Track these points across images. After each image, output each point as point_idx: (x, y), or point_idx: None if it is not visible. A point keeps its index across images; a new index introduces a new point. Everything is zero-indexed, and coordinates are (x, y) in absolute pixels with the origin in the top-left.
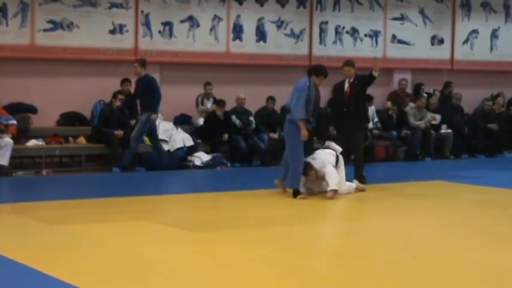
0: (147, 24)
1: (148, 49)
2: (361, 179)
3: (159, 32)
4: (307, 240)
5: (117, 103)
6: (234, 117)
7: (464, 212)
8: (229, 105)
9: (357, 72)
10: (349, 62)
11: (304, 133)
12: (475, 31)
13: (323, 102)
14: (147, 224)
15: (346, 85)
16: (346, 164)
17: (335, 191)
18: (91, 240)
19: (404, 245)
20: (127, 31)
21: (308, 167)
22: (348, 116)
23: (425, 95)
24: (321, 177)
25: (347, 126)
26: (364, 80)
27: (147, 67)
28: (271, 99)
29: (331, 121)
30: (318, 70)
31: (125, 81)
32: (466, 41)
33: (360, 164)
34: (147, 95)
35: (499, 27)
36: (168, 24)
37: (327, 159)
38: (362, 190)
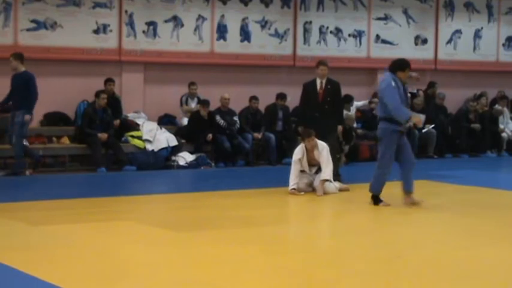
0: (131, 24)
1: (133, 49)
2: (338, 177)
3: (143, 31)
4: (291, 240)
5: (101, 102)
6: (218, 117)
7: (448, 211)
8: (214, 105)
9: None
10: (324, 62)
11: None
12: (458, 31)
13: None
14: (130, 224)
15: (319, 86)
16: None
17: (326, 182)
18: (74, 241)
19: (388, 245)
20: (111, 31)
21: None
22: (321, 118)
23: (409, 95)
24: (314, 164)
25: (320, 128)
26: (337, 90)
27: (24, 62)
28: (254, 99)
29: (301, 122)
30: (402, 65)
31: (109, 81)
32: (449, 41)
33: (334, 164)
34: (22, 93)
35: (482, 28)
36: (152, 24)
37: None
38: (346, 190)
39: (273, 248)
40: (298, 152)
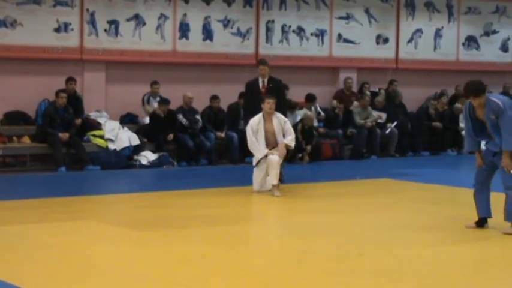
0: (93, 23)
1: (94, 48)
2: (280, 176)
3: (105, 30)
4: (254, 238)
5: (60, 102)
6: (180, 116)
7: (410, 209)
8: (177, 103)
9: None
10: (264, 61)
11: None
12: (419, 30)
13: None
14: (93, 224)
15: (261, 84)
16: None
17: (287, 146)
18: (36, 241)
19: (350, 243)
20: (72, 29)
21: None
22: None
23: (368, 93)
24: (270, 140)
25: None
26: (279, 87)
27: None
28: (214, 98)
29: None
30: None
31: (70, 79)
32: (410, 40)
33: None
34: None
35: (442, 27)
36: (113, 22)
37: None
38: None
39: (235, 247)
40: (255, 119)
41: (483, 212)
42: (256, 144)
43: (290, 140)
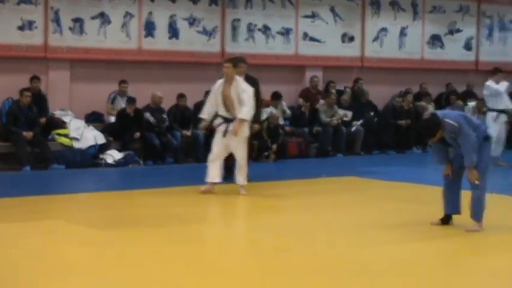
0: (57, 21)
1: (59, 46)
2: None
3: (70, 28)
4: (220, 237)
5: (24, 100)
6: (148, 114)
7: (375, 207)
8: (143, 102)
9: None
10: (242, 59)
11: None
12: (384, 29)
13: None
14: (59, 224)
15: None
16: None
17: (243, 121)
18: (0, 241)
19: (317, 241)
20: (36, 27)
21: None
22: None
23: (333, 91)
24: (229, 106)
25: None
26: (254, 85)
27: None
28: (181, 96)
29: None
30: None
31: (34, 78)
32: (375, 39)
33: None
34: None
35: (407, 26)
36: (78, 20)
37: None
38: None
39: (202, 246)
40: (217, 83)
41: (449, 209)
42: (206, 106)
43: (245, 112)
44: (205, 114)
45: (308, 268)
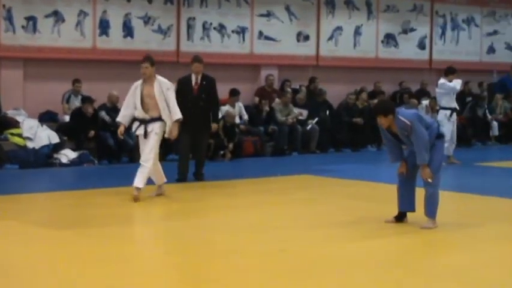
0: (10, 19)
1: (11, 44)
2: (200, 176)
3: (23, 26)
4: (174, 236)
5: None
6: (103, 113)
7: (330, 205)
8: (98, 101)
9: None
10: (198, 59)
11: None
12: (339, 28)
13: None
14: (12, 224)
15: (194, 81)
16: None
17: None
18: None
19: (271, 239)
20: None
21: None
22: (196, 115)
23: (289, 90)
24: (148, 106)
25: (195, 124)
26: (212, 85)
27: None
28: None
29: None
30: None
31: None
32: (330, 38)
33: (202, 162)
34: None
35: (361, 25)
36: (31, 19)
37: None
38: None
39: (154, 246)
40: (136, 83)
41: (403, 206)
42: (122, 109)
43: (178, 113)
44: (121, 117)
45: (257, 267)
